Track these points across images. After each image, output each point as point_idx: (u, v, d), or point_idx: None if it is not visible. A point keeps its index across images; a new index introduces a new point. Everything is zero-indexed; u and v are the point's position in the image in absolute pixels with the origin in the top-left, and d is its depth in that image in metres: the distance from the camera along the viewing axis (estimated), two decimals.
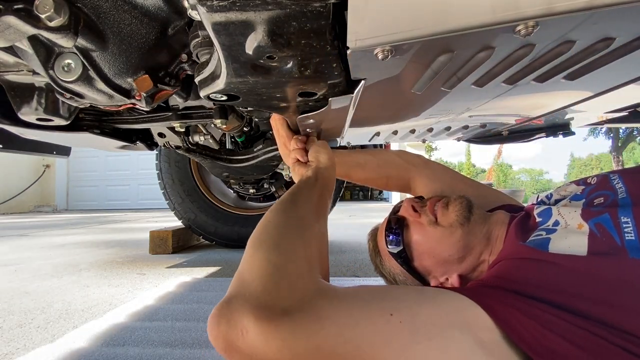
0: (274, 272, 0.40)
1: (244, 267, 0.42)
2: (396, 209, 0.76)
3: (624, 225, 0.47)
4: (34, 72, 0.69)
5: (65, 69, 0.55)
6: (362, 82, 0.51)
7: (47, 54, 0.54)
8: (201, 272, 1.66)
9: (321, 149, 0.75)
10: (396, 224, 0.71)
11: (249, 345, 0.35)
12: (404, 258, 0.69)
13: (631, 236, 0.46)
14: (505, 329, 0.43)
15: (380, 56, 0.42)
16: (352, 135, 1.11)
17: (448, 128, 0.98)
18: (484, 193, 0.89)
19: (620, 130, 16.44)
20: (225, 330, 0.36)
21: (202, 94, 0.55)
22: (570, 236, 0.51)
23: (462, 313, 0.44)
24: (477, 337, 0.42)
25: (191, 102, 0.98)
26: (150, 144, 1.31)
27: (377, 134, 1.05)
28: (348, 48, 0.41)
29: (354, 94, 0.53)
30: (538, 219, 0.59)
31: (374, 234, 0.81)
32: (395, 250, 0.70)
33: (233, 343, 0.35)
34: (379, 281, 0.80)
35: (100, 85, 0.58)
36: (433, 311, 0.43)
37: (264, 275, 0.39)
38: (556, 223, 0.55)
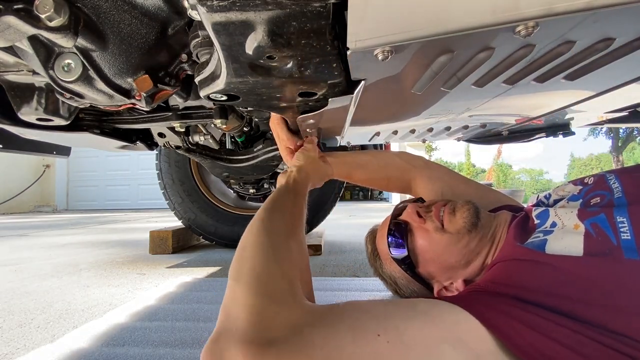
0: (256, 305, 0.40)
1: (227, 301, 0.42)
2: (397, 213, 0.75)
3: (620, 225, 0.47)
4: (34, 72, 0.69)
5: (65, 69, 0.55)
6: (362, 82, 0.51)
7: (47, 54, 0.54)
8: (201, 272, 1.66)
9: (300, 155, 0.77)
10: (400, 229, 0.69)
11: None
12: (408, 264, 0.68)
13: (627, 236, 0.46)
14: (499, 336, 0.43)
15: (380, 57, 0.42)
16: (352, 135, 1.11)
17: (448, 128, 0.98)
18: (484, 194, 0.89)
19: (620, 130, 16.43)
20: None
21: (202, 94, 0.55)
22: (567, 237, 0.51)
23: (455, 326, 0.44)
24: (471, 350, 0.42)
25: (191, 102, 0.98)
26: (150, 144, 1.31)
27: (377, 133, 1.05)
28: (348, 49, 0.41)
29: (354, 94, 0.53)
30: (536, 221, 0.59)
31: (372, 236, 0.79)
32: (399, 256, 0.68)
33: None
34: (379, 282, 0.80)
35: (100, 85, 0.58)
36: (423, 327, 0.43)
37: (247, 309, 0.39)
38: (553, 224, 0.55)
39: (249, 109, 0.97)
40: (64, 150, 1.51)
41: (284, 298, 0.42)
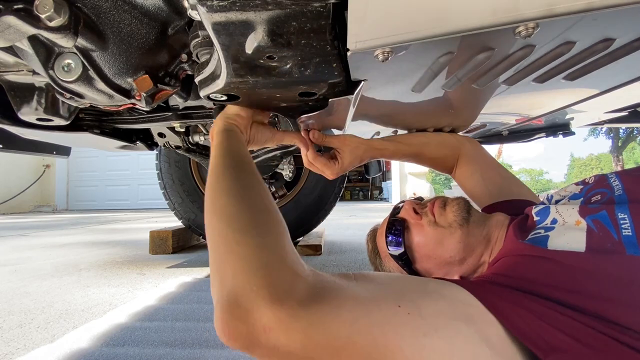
0: (272, 259, 0.38)
1: (233, 255, 0.39)
2: (396, 211, 0.76)
3: (621, 222, 0.47)
4: (34, 72, 0.69)
5: (65, 69, 0.55)
6: (362, 83, 0.51)
7: (47, 54, 0.54)
8: (201, 272, 1.66)
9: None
10: (397, 226, 0.70)
11: (272, 342, 0.34)
12: (406, 260, 0.69)
13: (628, 232, 0.46)
14: (506, 324, 0.43)
15: (380, 57, 0.42)
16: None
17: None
18: (508, 184, 0.88)
19: (621, 130, 16.42)
20: (246, 331, 0.35)
21: (202, 94, 0.55)
22: (568, 233, 0.51)
23: (466, 307, 0.44)
24: (482, 331, 0.42)
25: (191, 102, 0.98)
26: (150, 144, 1.31)
27: (377, 133, 1.05)
28: (348, 50, 0.41)
29: (354, 94, 0.53)
30: (536, 218, 0.60)
31: (373, 235, 0.81)
32: (397, 252, 0.69)
33: (255, 342, 0.35)
34: None
35: (100, 85, 0.58)
36: (438, 303, 0.43)
37: (263, 264, 0.38)
38: (554, 221, 0.56)
39: None
40: (64, 150, 1.51)
41: (294, 257, 0.41)
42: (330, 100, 0.54)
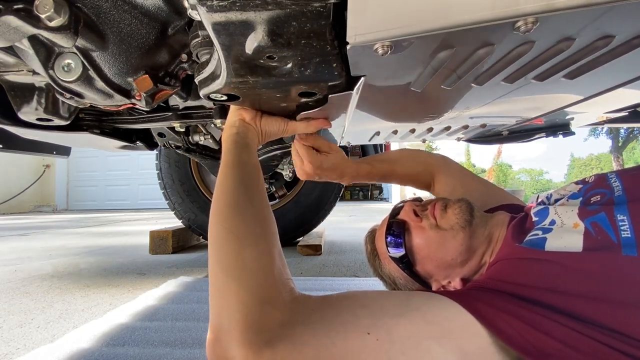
0: (250, 304, 0.42)
1: (220, 293, 0.44)
2: (395, 212, 0.75)
3: (620, 223, 0.47)
4: (34, 72, 0.69)
5: (65, 69, 0.55)
6: (362, 79, 0.51)
7: (47, 54, 0.54)
8: (201, 272, 1.66)
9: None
10: (397, 228, 0.69)
11: None
12: (406, 263, 0.68)
13: (627, 233, 0.46)
14: (494, 332, 0.43)
15: (380, 52, 0.42)
16: (352, 135, 1.11)
17: (448, 128, 0.98)
18: (491, 191, 0.89)
19: (621, 131, 16.42)
20: None
21: (202, 93, 0.55)
22: (566, 235, 0.51)
23: (445, 323, 0.44)
24: (459, 347, 0.43)
25: (191, 102, 0.98)
26: (150, 144, 1.31)
27: (377, 133, 1.05)
28: (347, 43, 0.41)
29: (354, 91, 0.53)
30: (535, 219, 0.59)
31: (371, 236, 0.79)
32: (397, 254, 0.69)
33: None
34: (378, 282, 0.80)
35: (100, 85, 0.58)
36: (411, 324, 0.44)
37: (241, 307, 0.41)
38: (552, 222, 0.55)
39: None
40: (64, 150, 1.52)
41: (277, 295, 0.44)
42: (330, 96, 0.54)
